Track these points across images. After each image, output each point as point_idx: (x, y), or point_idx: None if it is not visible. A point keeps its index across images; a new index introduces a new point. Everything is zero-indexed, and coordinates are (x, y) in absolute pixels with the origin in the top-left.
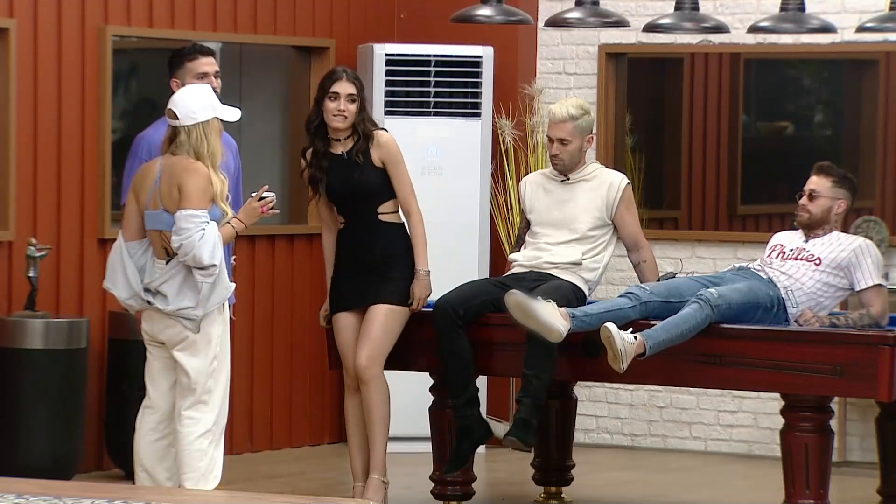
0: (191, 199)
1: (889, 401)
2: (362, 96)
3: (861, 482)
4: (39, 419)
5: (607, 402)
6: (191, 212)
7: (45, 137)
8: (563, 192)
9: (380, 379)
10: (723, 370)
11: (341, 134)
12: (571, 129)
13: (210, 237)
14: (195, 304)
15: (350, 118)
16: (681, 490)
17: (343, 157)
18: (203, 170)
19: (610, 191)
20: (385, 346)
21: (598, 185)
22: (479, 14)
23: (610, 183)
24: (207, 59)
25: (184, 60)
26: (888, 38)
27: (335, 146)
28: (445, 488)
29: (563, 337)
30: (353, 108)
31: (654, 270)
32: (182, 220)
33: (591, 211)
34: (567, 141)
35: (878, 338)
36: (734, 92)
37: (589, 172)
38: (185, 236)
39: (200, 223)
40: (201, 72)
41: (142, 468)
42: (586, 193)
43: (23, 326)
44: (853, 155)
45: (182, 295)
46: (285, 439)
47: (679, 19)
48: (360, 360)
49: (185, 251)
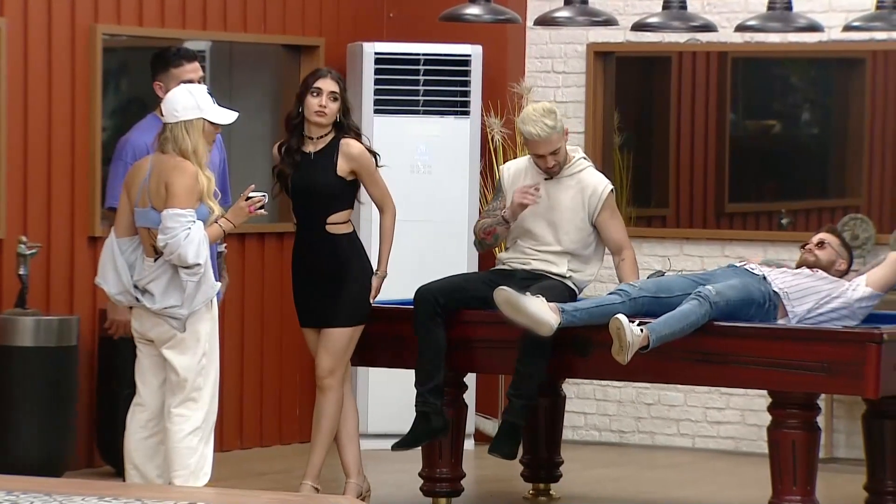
0: (178, 198)
1: (876, 398)
2: (345, 97)
3: (848, 479)
4: (30, 416)
5: (596, 400)
6: (177, 211)
7: (35, 136)
8: (548, 192)
9: (336, 391)
10: (711, 367)
11: (317, 132)
12: (556, 138)
13: (195, 237)
14: (181, 303)
15: (330, 116)
16: (669, 486)
17: (310, 156)
18: (190, 168)
19: (592, 197)
20: (344, 361)
21: (581, 189)
22: (468, 13)
23: (594, 189)
24: (192, 66)
25: (168, 66)
26: (875, 37)
27: (307, 144)
28: (434, 485)
29: (553, 330)
30: (334, 106)
31: (632, 268)
32: (168, 219)
33: (574, 221)
34: (557, 150)
35: (865, 335)
36: (722, 90)
37: (574, 170)
38: (171, 235)
39: (186, 222)
40: (185, 79)
41: (132, 465)
42: (570, 195)
43: (13, 324)
44: (840, 153)
45: (168, 294)
46: (275, 437)
47: (667, 18)
48: (320, 371)
49: (171, 250)
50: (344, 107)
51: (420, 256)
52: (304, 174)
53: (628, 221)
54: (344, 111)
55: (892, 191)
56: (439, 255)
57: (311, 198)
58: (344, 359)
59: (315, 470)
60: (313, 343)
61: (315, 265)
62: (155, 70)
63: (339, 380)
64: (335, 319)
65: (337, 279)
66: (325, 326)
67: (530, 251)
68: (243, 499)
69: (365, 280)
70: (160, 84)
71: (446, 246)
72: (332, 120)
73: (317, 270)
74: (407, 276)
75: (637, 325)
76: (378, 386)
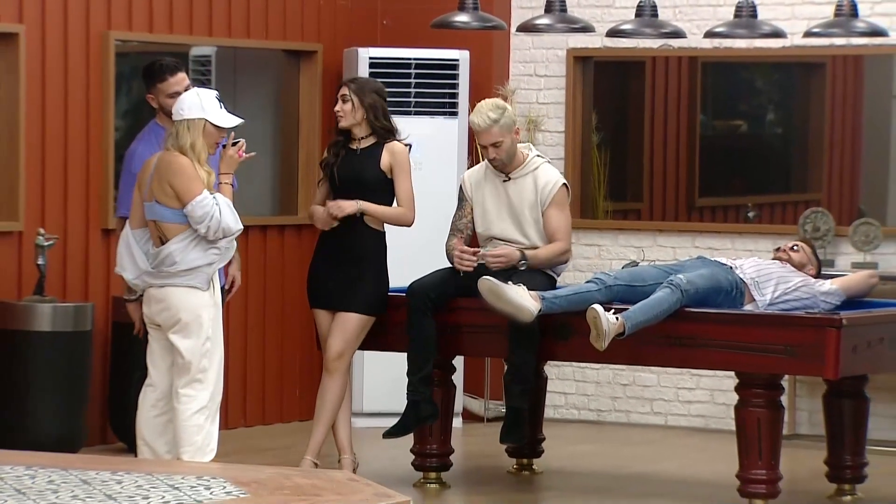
0: (189, 191)
1: (835, 378)
2: (360, 97)
3: (809, 454)
4: (47, 396)
5: (575, 381)
6: (196, 199)
7: (52, 135)
8: (508, 192)
9: (343, 375)
10: (682, 351)
11: (359, 133)
12: (497, 132)
13: (224, 207)
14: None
15: (347, 116)
16: (643, 461)
17: (356, 151)
18: (184, 160)
19: (544, 191)
20: (353, 346)
21: (536, 185)
22: (457, 20)
23: (545, 183)
24: (175, 78)
25: (154, 82)
26: (834, 43)
27: (353, 143)
28: (425, 460)
29: (534, 316)
30: (346, 107)
31: (548, 250)
32: (195, 209)
33: (534, 215)
34: (498, 143)
35: (825, 320)
36: (692, 93)
37: (529, 168)
38: (208, 219)
39: (210, 203)
40: (172, 91)
41: (143, 442)
42: (527, 192)
43: (32, 310)
44: (802, 151)
45: (188, 256)
46: (277, 415)
47: (641, 25)
48: (330, 353)
49: (214, 229)
50: (364, 108)
51: (410, 248)
52: (349, 167)
53: (605, 215)
54: (367, 112)
55: (850, 186)
56: (428, 247)
57: (354, 188)
58: (354, 345)
59: (316, 446)
60: (325, 325)
61: (343, 250)
62: (146, 84)
63: (346, 364)
64: (353, 304)
65: (360, 266)
66: (342, 310)
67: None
68: (247, 473)
69: (383, 279)
70: (152, 97)
71: (436, 239)
72: (352, 121)
73: (344, 255)
74: (398, 266)
75: (613, 314)
76: (372, 367)
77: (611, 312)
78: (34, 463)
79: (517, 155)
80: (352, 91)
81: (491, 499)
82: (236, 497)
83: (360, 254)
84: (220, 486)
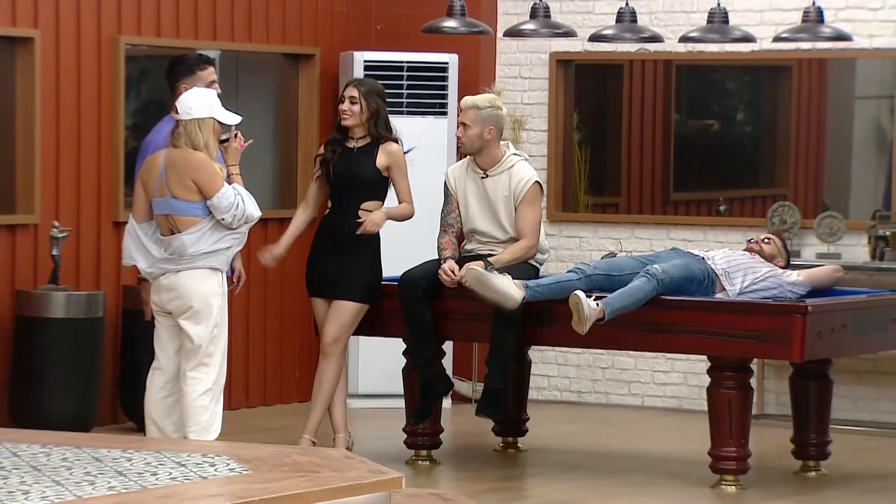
0: (212, 185)
1: (801, 362)
2: (367, 101)
3: (777, 433)
4: (61, 379)
5: (557, 364)
6: (220, 193)
7: (65, 133)
8: (486, 189)
9: (338, 358)
10: (658, 336)
11: (357, 133)
12: (472, 117)
13: (245, 197)
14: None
15: (353, 116)
16: (621, 440)
17: (353, 150)
18: (202, 155)
19: (517, 186)
20: (348, 332)
21: (510, 181)
22: (446, 25)
23: (520, 179)
24: (211, 69)
25: (194, 70)
26: (800, 47)
27: (350, 141)
28: (416, 439)
29: (518, 303)
30: (354, 108)
31: (511, 249)
32: (220, 201)
33: (510, 210)
34: (467, 126)
35: (792, 307)
36: (667, 94)
37: (506, 166)
38: (233, 209)
39: (233, 194)
40: (210, 80)
41: (151, 422)
42: (502, 189)
43: (47, 298)
44: (770, 149)
45: (202, 241)
46: (277, 396)
47: (619, 30)
48: (326, 338)
49: (239, 218)
50: (368, 112)
51: (400, 242)
52: (346, 164)
53: (585, 208)
54: (371, 116)
55: (815, 181)
56: (418, 242)
57: (350, 184)
58: (349, 331)
59: (314, 426)
60: (322, 312)
61: (338, 241)
62: (178, 74)
63: (342, 348)
64: (348, 293)
65: (355, 257)
66: (337, 298)
67: (484, 244)
68: (249, 451)
69: (376, 268)
70: (186, 86)
71: (426, 234)
72: (358, 121)
73: (339, 246)
74: (391, 257)
75: (594, 300)
76: (366, 352)
77: (591, 299)
78: (49, 441)
79: (495, 153)
80: (361, 94)
81: (478, 475)
82: (239, 473)
83: (355, 245)
84: (224, 464)
